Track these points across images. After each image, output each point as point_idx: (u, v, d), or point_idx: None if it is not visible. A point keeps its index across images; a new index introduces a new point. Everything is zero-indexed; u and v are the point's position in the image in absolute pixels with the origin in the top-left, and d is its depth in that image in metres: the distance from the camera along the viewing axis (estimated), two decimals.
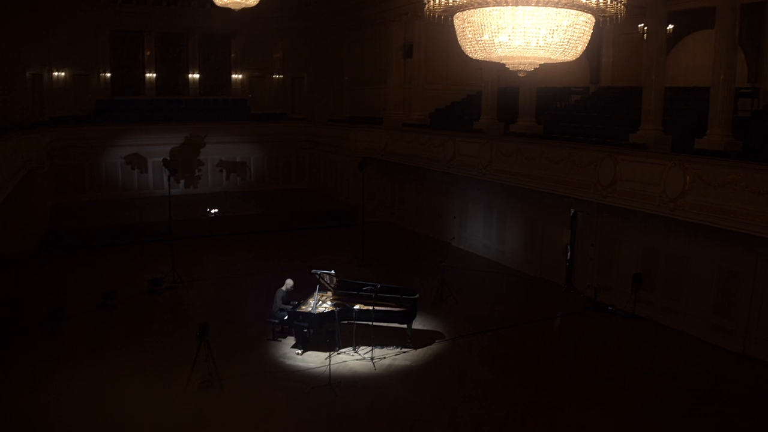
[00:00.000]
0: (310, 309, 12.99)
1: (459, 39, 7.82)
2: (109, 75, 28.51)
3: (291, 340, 13.26)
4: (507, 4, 6.90)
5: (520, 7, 6.90)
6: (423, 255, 20.23)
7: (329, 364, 11.72)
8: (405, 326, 13.24)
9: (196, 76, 30.25)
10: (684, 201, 12.63)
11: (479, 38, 7.22)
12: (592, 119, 17.58)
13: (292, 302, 13.51)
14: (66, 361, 12.41)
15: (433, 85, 24.25)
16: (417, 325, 14.09)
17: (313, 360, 12.47)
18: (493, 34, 7.10)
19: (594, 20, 7.55)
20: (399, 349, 13.00)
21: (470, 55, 7.83)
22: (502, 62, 7.82)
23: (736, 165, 11.99)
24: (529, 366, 12.55)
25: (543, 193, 16.75)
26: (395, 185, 24.96)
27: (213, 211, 23.05)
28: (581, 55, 22.49)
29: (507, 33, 6.99)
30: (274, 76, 31.69)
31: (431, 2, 7.24)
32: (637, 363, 12.64)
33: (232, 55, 30.88)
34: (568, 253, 16.89)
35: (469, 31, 7.34)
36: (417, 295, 13.51)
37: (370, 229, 23.59)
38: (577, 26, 7.23)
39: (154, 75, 29.39)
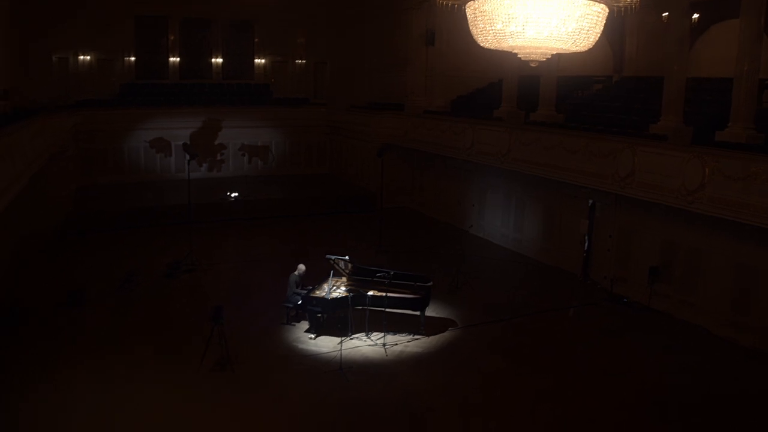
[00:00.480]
0: (323, 294, 13.11)
1: (471, 28, 7.80)
2: (133, 59, 28.83)
3: (305, 325, 13.40)
4: None
5: None
6: (441, 242, 20.22)
7: (340, 350, 11.83)
8: (418, 313, 13.30)
9: (220, 60, 30.43)
10: (702, 194, 12.48)
11: (491, 28, 7.20)
12: (613, 109, 17.40)
13: (306, 287, 13.65)
14: (80, 345, 12.56)
15: (455, 72, 24.13)
16: (431, 312, 14.13)
17: (326, 345, 12.58)
18: (505, 24, 7.07)
19: (607, 11, 7.47)
20: (411, 336, 13.06)
21: (482, 44, 7.80)
22: (514, 52, 7.79)
23: (757, 158, 11.80)
24: (542, 356, 12.54)
25: (561, 182, 16.64)
26: (416, 172, 24.95)
27: (233, 195, 23.26)
28: (605, 44, 22.22)
29: (518, 23, 6.95)
30: (296, 61, 31.78)
31: None
32: (650, 357, 12.55)
33: (256, 40, 31.00)
34: (586, 244, 16.80)
35: (481, 21, 7.31)
36: (431, 283, 13.53)
37: (389, 215, 23.67)
38: (590, 17, 7.16)
39: (178, 59, 29.63)
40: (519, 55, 7.85)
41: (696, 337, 13.44)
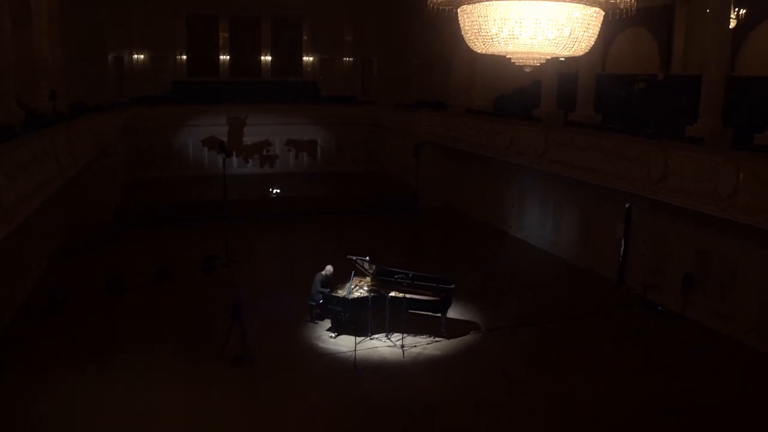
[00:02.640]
0: (344, 294, 13.22)
1: (463, 33, 7.72)
2: (185, 57, 29.70)
3: (328, 323, 13.54)
4: None
5: (524, 1, 6.73)
6: (478, 243, 20.06)
7: (355, 350, 11.92)
8: (439, 315, 13.26)
9: (268, 58, 31.02)
10: (735, 200, 11.93)
11: (483, 32, 7.10)
12: (653, 109, 16.84)
13: (330, 286, 13.78)
14: (109, 335, 13.10)
15: (498, 70, 23.64)
16: (455, 314, 14.11)
17: (346, 344, 12.66)
18: (498, 29, 6.96)
19: (602, 14, 7.25)
20: (432, 339, 13.03)
21: (474, 49, 7.71)
22: (507, 57, 7.66)
23: None
24: (565, 364, 12.19)
25: (597, 185, 16.23)
26: (458, 171, 24.81)
27: (275, 191, 23.66)
28: (651, 40, 21.37)
29: (511, 27, 6.83)
30: (344, 58, 32.03)
31: None
32: (679, 369, 12.07)
33: (304, 37, 31.44)
34: (622, 248, 16.36)
35: (473, 25, 7.22)
36: (452, 285, 13.46)
37: (431, 213, 23.73)
38: (584, 20, 6.96)
39: (228, 57, 30.35)
40: (512, 60, 7.73)
41: (730, 350, 12.88)
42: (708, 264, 13.92)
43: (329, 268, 14.02)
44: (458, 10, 7.59)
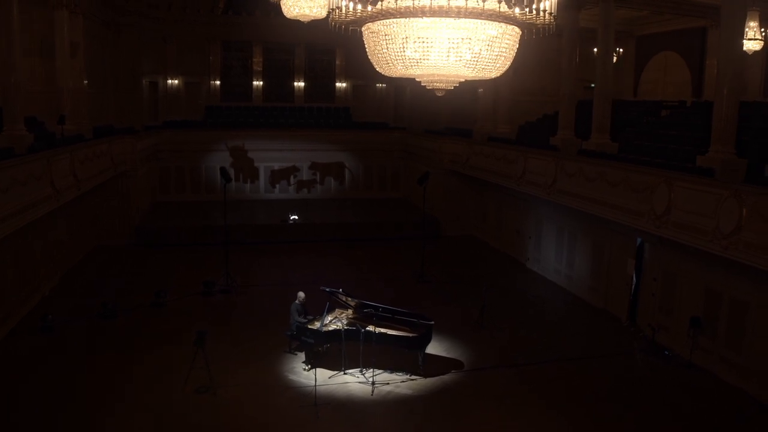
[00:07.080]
0: (319, 326, 12.71)
1: (368, 52, 7.17)
2: (218, 83, 30.06)
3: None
4: (421, 15, 6.17)
5: (432, 18, 6.15)
6: (490, 274, 19.16)
7: (315, 385, 11.35)
8: (417, 351, 12.55)
9: (302, 84, 31.05)
10: (738, 238, 10.84)
11: (386, 53, 6.54)
12: (669, 138, 15.73)
13: (308, 316, 13.31)
14: (91, 356, 13.09)
15: (523, 97, 23.12)
16: (442, 351, 13.44)
17: (318, 377, 12.00)
18: (409, 50, 6.39)
19: (519, 33, 6.57)
20: (407, 376, 12.33)
21: (380, 70, 7.16)
22: (417, 79, 7.06)
23: None
24: (542, 410, 11.26)
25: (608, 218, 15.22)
26: (479, 199, 24.03)
27: (293, 217, 23.45)
28: (683, 66, 20.24)
29: (418, 48, 6.26)
30: (377, 85, 31.76)
31: (335, 13, 6.66)
32: (674, 424, 10.98)
33: (337, 62, 31.38)
34: (632, 285, 15.22)
35: (378, 45, 6.67)
36: (432, 322, 12.74)
37: (452, 242, 23.07)
38: (499, 40, 6.31)
39: (261, 83, 30.56)
40: (422, 83, 7.12)
41: (738, 404, 11.61)
42: (717, 307, 12.68)
43: (301, 295, 13.55)
44: (362, 29, 7.06)
